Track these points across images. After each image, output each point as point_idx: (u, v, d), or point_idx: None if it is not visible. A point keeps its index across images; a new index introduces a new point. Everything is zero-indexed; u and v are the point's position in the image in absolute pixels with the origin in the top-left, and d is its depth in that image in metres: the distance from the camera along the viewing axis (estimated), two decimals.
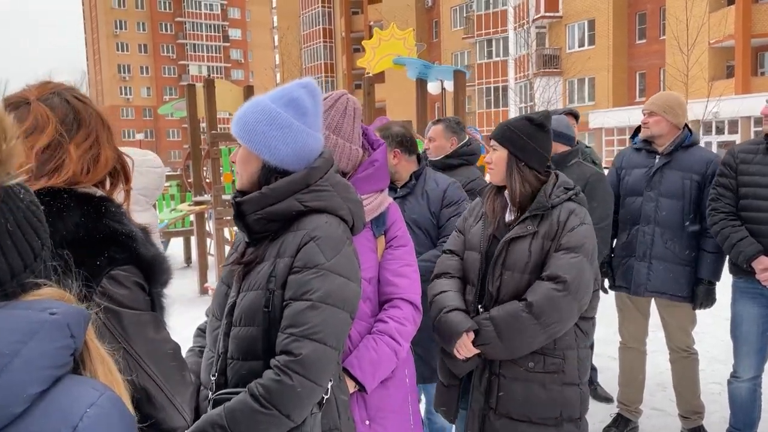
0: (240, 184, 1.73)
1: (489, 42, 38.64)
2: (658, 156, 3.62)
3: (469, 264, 2.46)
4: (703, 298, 3.55)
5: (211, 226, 9.14)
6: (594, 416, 4.11)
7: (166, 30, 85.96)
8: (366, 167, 2.07)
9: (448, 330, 2.34)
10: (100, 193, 1.30)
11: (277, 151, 1.64)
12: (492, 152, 2.45)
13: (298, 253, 1.59)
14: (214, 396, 1.62)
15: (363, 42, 10.42)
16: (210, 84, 8.62)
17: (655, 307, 3.80)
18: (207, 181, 8.97)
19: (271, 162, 1.66)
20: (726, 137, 26.57)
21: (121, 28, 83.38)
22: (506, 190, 2.42)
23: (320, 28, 56.55)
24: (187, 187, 10.08)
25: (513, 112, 33.32)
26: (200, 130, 9.50)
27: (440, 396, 2.59)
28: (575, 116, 4.58)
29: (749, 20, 26.01)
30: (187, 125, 9.34)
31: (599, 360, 4.70)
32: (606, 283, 3.84)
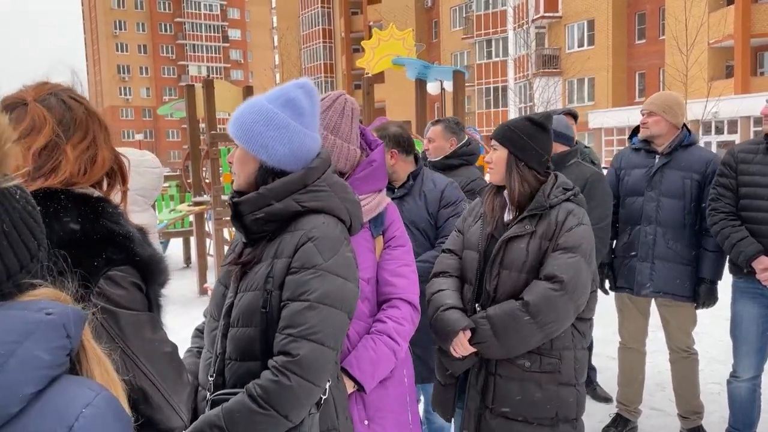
0: (237, 185, 1.73)
1: (488, 42, 38.65)
2: (657, 156, 3.61)
3: (467, 263, 2.46)
4: (705, 298, 3.55)
5: (210, 226, 9.14)
6: (593, 416, 4.11)
7: (166, 30, 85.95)
8: (364, 167, 2.07)
9: (444, 328, 2.34)
10: (97, 193, 1.30)
11: (275, 151, 1.64)
12: (492, 152, 2.45)
13: (295, 254, 1.59)
14: (212, 397, 1.62)
15: (362, 42, 10.43)
16: (209, 84, 8.62)
17: (655, 308, 3.80)
18: (206, 181, 8.97)
19: (268, 162, 1.66)
20: (725, 137, 26.57)
21: (120, 29, 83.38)
22: (505, 190, 2.43)
23: (320, 29, 56.56)
24: (187, 188, 10.08)
25: (512, 112, 33.33)
26: (199, 130, 9.51)
27: (437, 395, 2.59)
28: (574, 116, 4.57)
29: (748, 20, 26.00)
30: (187, 126, 9.34)
31: (598, 360, 4.70)
32: (607, 285, 3.83)
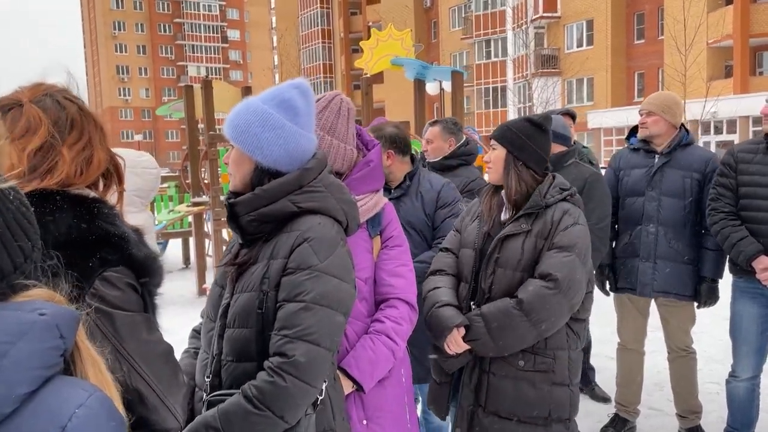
0: (233, 186, 1.73)
1: (487, 42, 38.67)
2: (657, 156, 3.61)
3: (463, 261, 2.47)
4: (706, 297, 3.55)
5: (209, 227, 9.14)
6: (591, 416, 4.11)
7: (165, 31, 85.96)
8: (361, 168, 2.06)
9: (439, 325, 2.35)
10: (93, 194, 1.30)
11: (270, 152, 1.64)
12: (491, 152, 2.46)
13: (291, 254, 1.59)
14: (208, 397, 1.62)
15: (361, 43, 10.41)
16: (208, 85, 8.62)
17: (653, 307, 3.79)
18: (205, 182, 8.97)
19: (263, 163, 1.66)
20: (724, 137, 26.60)
21: (119, 29, 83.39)
22: (503, 189, 2.43)
23: (319, 29, 56.57)
24: (185, 188, 10.07)
25: (512, 112, 33.36)
26: (198, 131, 9.50)
27: (432, 393, 2.60)
28: (572, 116, 4.57)
29: (747, 20, 26.02)
30: (185, 126, 9.34)
31: (597, 360, 4.70)
32: (607, 286, 3.82)
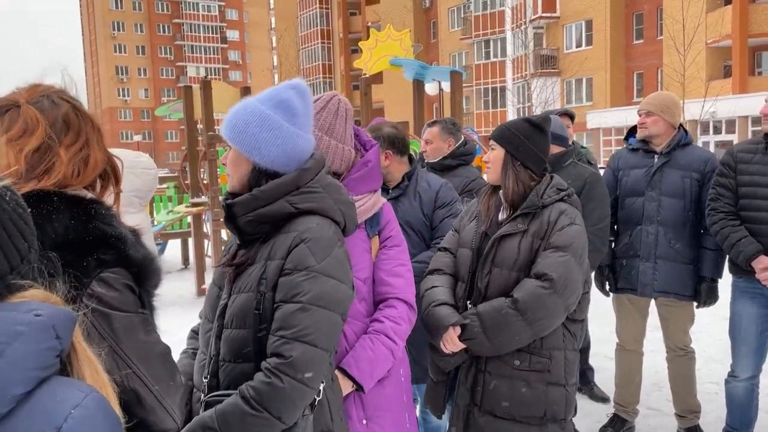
0: (231, 186, 1.72)
1: (486, 43, 38.69)
2: (656, 156, 3.61)
3: (460, 260, 2.48)
4: (706, 296, 3.56)
5: (208, 227, 9.14)
6: (590, 416, 4.11)
7: (164, 31, 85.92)
8: (359, 168, 2.06)
9: (435, 323, 2.36)
10: (90, 195, 1.30)
11: (268, 153, 1.63)
12: (490, 152, 2.47)
13: (288, 255, 1.59)
14: (206, 398, 1.62)
15: (359, 43, 10.40)
16: (207, 85, 8.61)
17: (653, 307, 3.79)
18: (204, 182, 8.96)
19: (261, 164, 1.65)
20: (723, 137, 26.61)
21: (118, 30, 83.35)
22: (501, 189, 2.44)
23: (318, 29, 56.56)
24: (185, 189, 10.07)
25: (511, 112, 33.38)
26: (197, 131, 9.49)
27: (429, 391, 2.61)
28: (570, 116, 4.57)
29: (746, 20, 26.04)
30: (185, 127, 9.34)
31: (595, 360, 4.71)
32: (607, 286, 3.82)
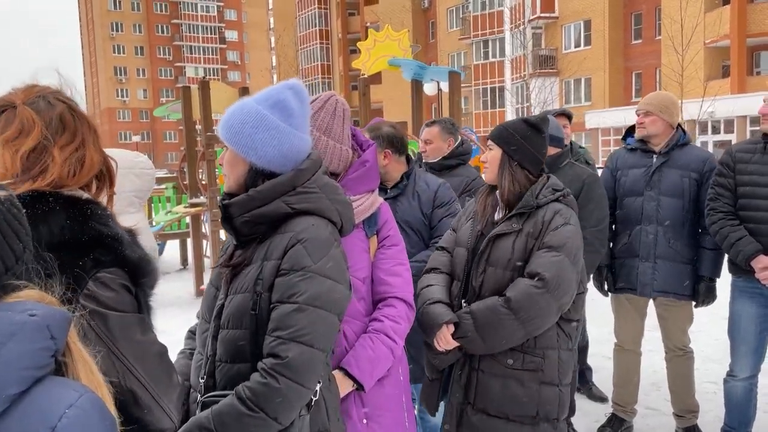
0: (228, 187, 1.72)
1: (485, 43, 38.71)
2: (655, 155, 3.61)
3: (457, 259, 2.49)
4: (704, 296, 3.56)
5: (207, 228, 9.13)
6: (589, 415, 4.12)
7: (163, 32, 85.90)
8: (357, 168, 2.06)
9: (429, 321, 2.37)
10: (86, 196, 1.30)
11: (264, 153, 1.63)
12: (488, 152, 2.48)
13: (285, 256, 1.59)
14: (202, 399, 1.62)
15: (358, 43, 10.41)
16: (205, 86, 8.60)
17: (651, 307, 3.79)
18: (202, 183, 8.96)
19: (257, 164, 1.65)
20: (722, 137, 26.65)
21: (117, 31, 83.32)
22: (498, 189, 2.44)
23: (316, 30, 56.58)
24: (183, 190, 10.07)
25: (509, 112, 33.40)
26: (196, 132, 9.49)
27: (424, 389, 2.62)
28: (568, 116, 4.56)
29: (744, 20, 26.08)
30: (183, 127, 9.34)
31: (594, 360, 4.71)
32: (605, 286, 3.82)
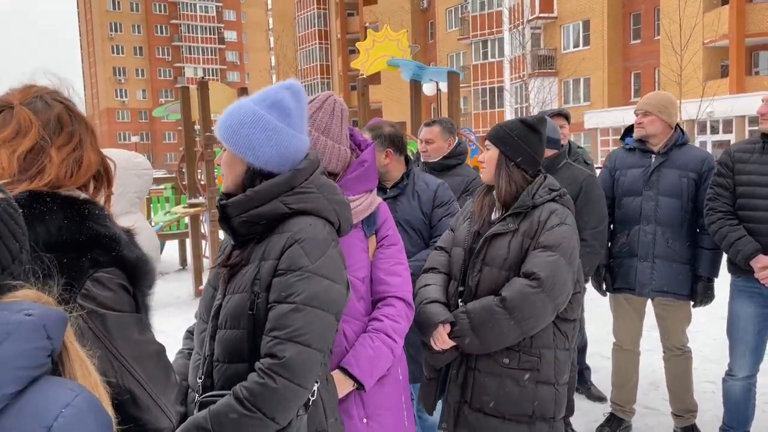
0: (225, 187, 1.73)
1: (484, 43, 38.70)
2: (653, 155, 3.61)
3: (454, 259, 2.50)
4: (702, 296, 3.56)
5: (205, 228, 9.13)
6: (587, 415, 4.12)
7: (162, 32, 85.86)
8: (355, 168, 2.07)
9: (425, 320, 2.37)
10: (83, 196, 1.30)
11: (262, 153, 1.63)
12: (485, 152, 2.48)
13: (282, 256, 1.59)
14: (200, 399, 1.62)
15: (356, 43, 10.40)
16: (203, 86, 8.59)
17: (649, 307, 3.79)
18: (201, 183, 8.96)
19: (255, 164, 1.65)
20: (720, 137, 26.66)
21: (116, 31, 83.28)
22: (494, 189, 2.45)
23: (315, 30, 56.58)
24: (182, 190, 10.07)
25: (508, 112, 33.40)
26: (194, 132, 9.49)
27: (422, 388, 2.62)
28: (566, 117, 4.55)
29: (743, 20, 26.10)
30: (182, 128, 9.33)
31: (592, 359, 4.72)
32: (604, 286, 3.82)
